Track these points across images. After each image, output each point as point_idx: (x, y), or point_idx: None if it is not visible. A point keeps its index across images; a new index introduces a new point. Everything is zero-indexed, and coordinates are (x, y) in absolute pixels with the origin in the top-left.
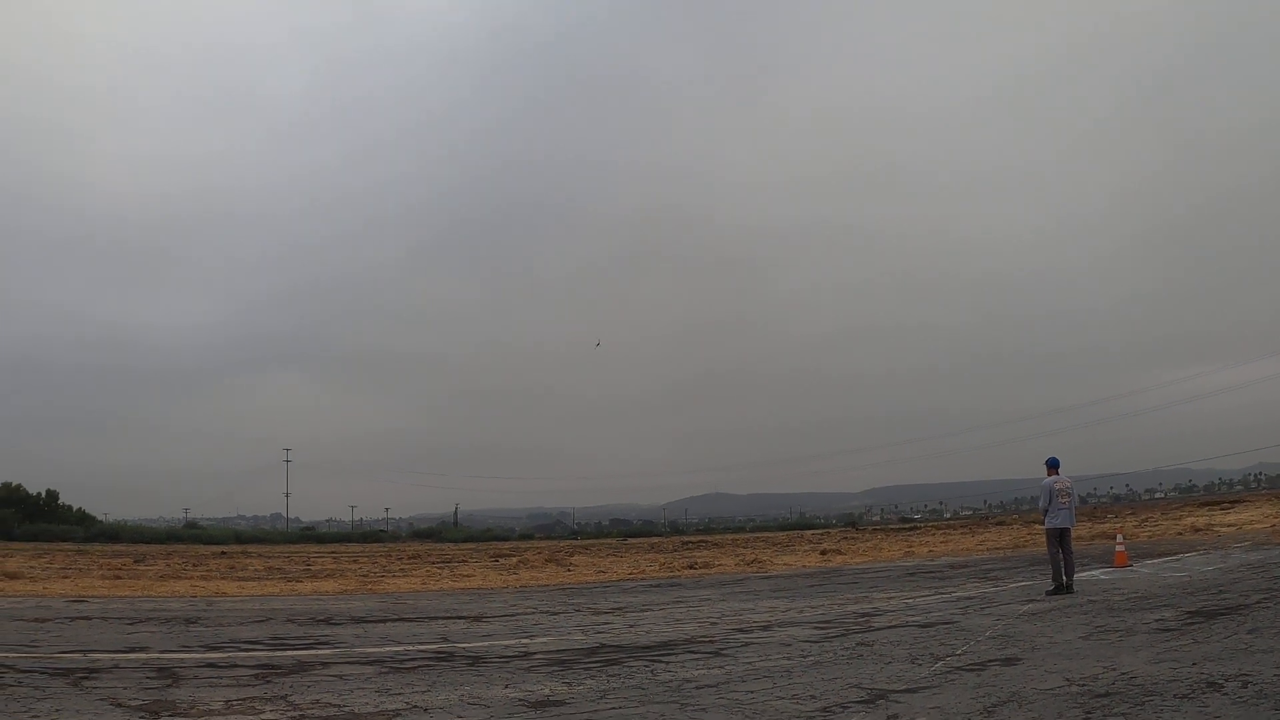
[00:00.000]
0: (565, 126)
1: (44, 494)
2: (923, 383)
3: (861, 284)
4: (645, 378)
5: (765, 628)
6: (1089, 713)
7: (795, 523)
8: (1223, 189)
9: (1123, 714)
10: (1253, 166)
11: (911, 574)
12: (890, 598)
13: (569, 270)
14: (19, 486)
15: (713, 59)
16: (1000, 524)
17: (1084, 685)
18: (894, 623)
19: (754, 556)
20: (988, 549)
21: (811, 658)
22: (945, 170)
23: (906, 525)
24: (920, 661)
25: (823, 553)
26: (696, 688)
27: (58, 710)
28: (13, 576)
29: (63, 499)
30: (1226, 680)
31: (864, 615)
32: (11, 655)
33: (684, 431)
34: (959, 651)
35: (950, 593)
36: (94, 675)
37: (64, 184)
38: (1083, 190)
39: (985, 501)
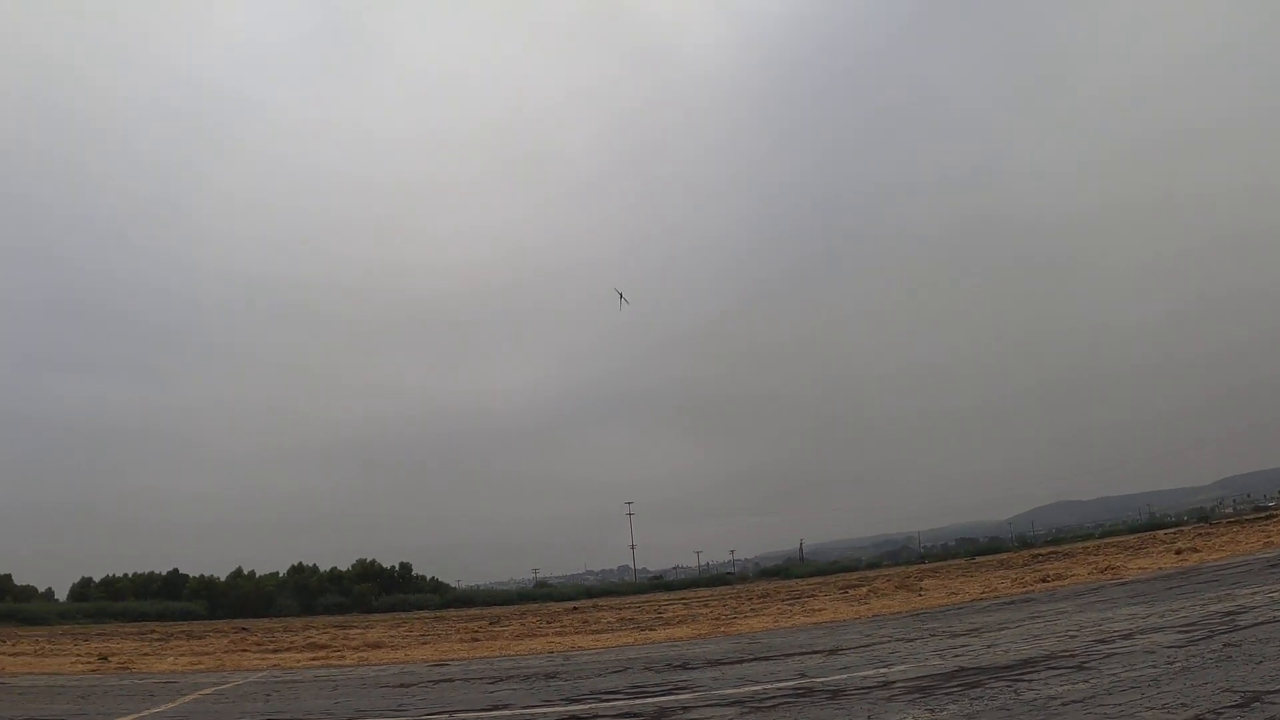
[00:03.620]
0: (863, 160)
1: (397, 566)
2: (1265, 355)
3: (1185, 255)
4: (973, 390)
5: (1126, 636)
6: None
7: (1145, 524)
8: None
9: None
10: None
11: (1274, 566)
12: (1254, 593)
13: (892, 293)
14: (374, 562)
15: (995, 56)
16: None
17: None
18: (1261, 619)
19: (1106, 563)
20: None
21: (1178, 664)
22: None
23: (1262, 514)
24: None
25: (1177, 552)
26: (1062, 704)
27: None
28: (375, 646)
29: (415, 570)
30: None
31: (1228, 614)
32: None
33: (1020, 442)
34: None
35: None
36: None
37: (381, 271)
38: None
39: None
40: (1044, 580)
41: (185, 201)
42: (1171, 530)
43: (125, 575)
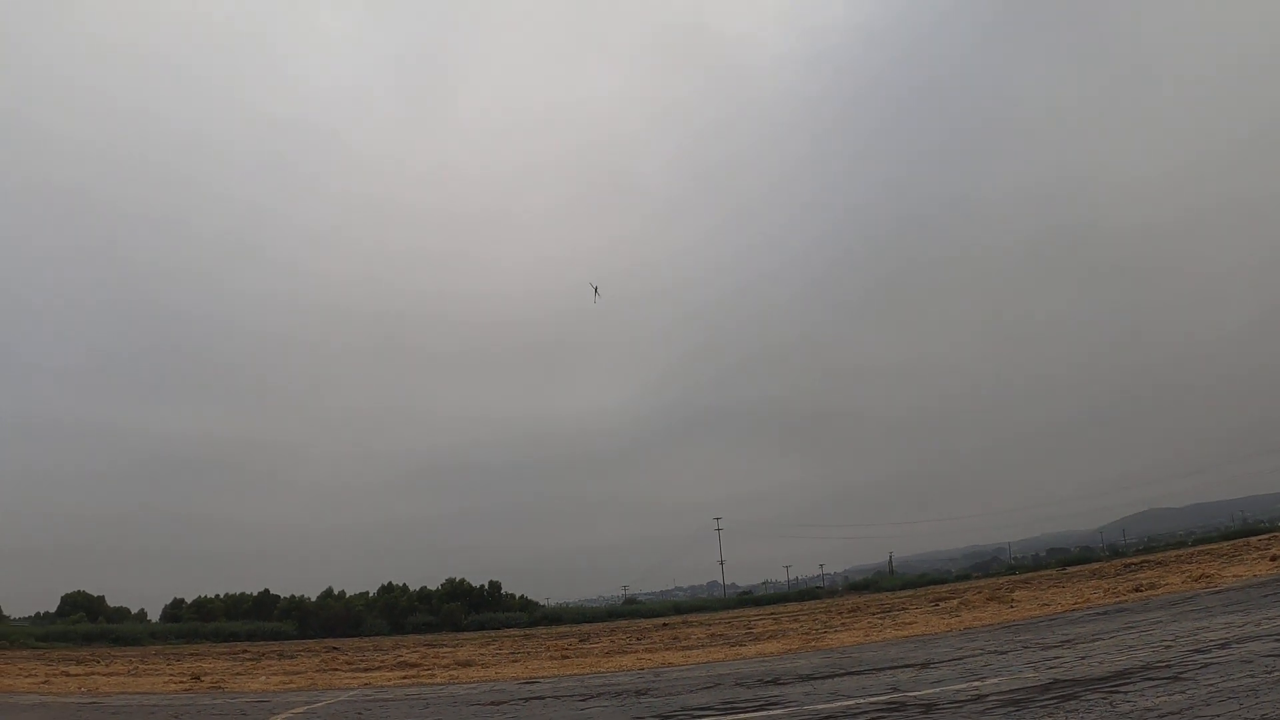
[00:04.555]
0: (946, 172)
1: (487, 585)
2: None
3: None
4: (1060, 399)
5: (1223, 645)
6: None
7: (1238, 530)
8: None
9: None
10: None
11: None
12: None
13: (978, 304)
14: (463, 580)
15: (1071, 63)
16: None
17: None
18: None
19: (1200, 571)
20: None
21: (1276, 673)
22: None
23: None
24: None
25: (1272, 558)
26: (1159, 716)
27: None
28: (465, 664)
29: (504, 588)
30: None
31: None
32: None
33: (1110, 449)
34: None
35: None
36: None
37: (468, 299)
38: None
39: None
40: (1137, 590)
41: (270, 240)
42: (1266, 536)
43: (217, 596)
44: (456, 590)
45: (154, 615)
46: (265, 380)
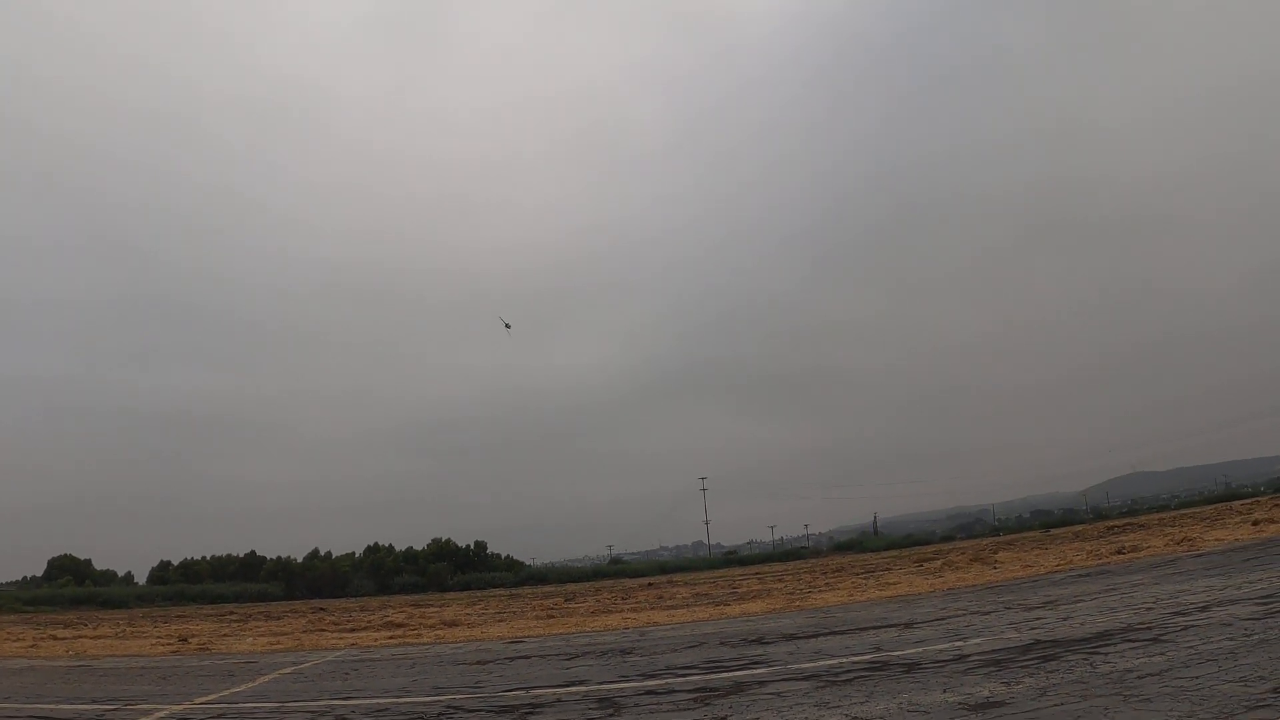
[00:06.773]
0: (929, 122)
1: (473, 545)
2: None
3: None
4: (1052, 359)
5: (1203, 609)
6: None
7: (1221, 494)
8: None
9: None
10: None
11: None
12: None
13: (963, 261)
14: (449, 541)
15: (1061, 20)
16: None
17: None
18: None
19: (1182, 535)
20: None
21: (1256, 636)
22: None
23: None
24: None
25: (1254, 523)
26: (1138, 677)
27: None
28: (451, 624)
29: (490, 548)
30: None
31: None
32: (459, 696)
33: (1095, 412)
34: None
35: None
36: (537, 710)
37: (453, 250)
38: None
39: None
40: (1119, 552)
41: (264, 192)
42: (1248, 501)
43: (203, 558)
44: (442, 551)
45: (141, 578)
46: (255, 336)
